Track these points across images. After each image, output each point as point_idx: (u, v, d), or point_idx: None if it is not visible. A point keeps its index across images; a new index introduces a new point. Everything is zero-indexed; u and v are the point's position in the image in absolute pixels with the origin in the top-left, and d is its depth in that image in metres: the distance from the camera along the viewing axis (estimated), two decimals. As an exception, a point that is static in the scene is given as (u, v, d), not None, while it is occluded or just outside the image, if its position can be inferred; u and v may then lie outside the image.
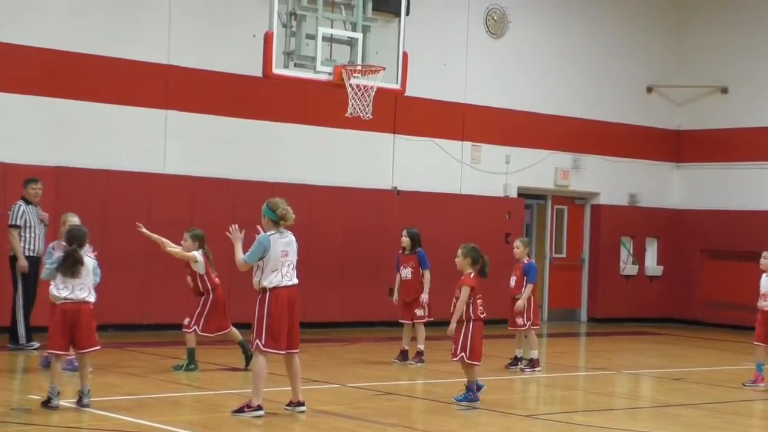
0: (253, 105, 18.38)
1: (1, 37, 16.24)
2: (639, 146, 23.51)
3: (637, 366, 15.83)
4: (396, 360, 14.56)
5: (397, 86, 15.35)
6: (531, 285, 14.05)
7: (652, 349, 18.99)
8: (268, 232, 10.01)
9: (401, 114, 19.89)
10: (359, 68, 14.67)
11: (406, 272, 14.55)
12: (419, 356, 14.41)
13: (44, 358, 12.10)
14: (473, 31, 21.15)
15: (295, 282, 10.08)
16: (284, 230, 10.08)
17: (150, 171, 17.34)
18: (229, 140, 18.15)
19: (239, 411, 9.94)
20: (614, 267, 23.27)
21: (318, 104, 18.40)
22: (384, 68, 14.83)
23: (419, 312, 14.43)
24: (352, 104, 14.71)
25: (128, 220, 14.42)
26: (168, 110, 17.65)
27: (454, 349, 11.23)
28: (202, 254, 12.82)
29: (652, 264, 23.79)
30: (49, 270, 10.22)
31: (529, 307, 14.09)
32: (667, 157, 24.02)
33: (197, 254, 12.78)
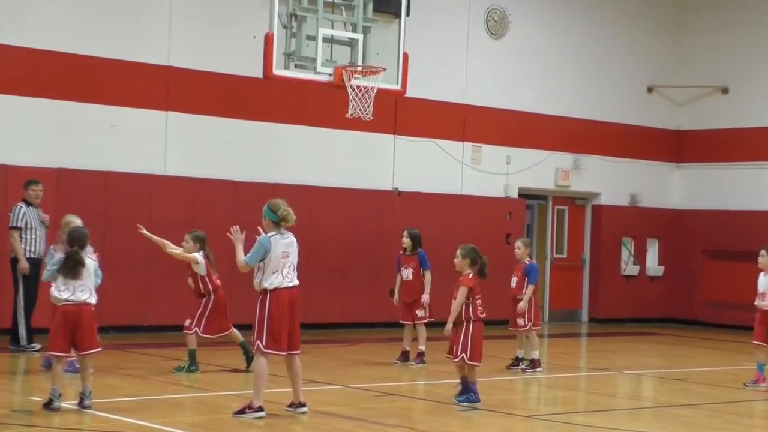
0: (254, 106, 18.38)
1: (2, 39, 16.24)
2: (639, 146, 23.50)
3: (639, 366, 15.82)
4: (397, 361, 14.55)
5: (398, 87, 15.36)
6: (532, 286, 14.05)
7: (654, 350, 18.99)
8: (269, 234, 10.01)
9: (402, 115, 19.88)
10: (360, 69, 14.68)
11: (407, 273, 14.55)
12: (420, 357, 14.41)
13: (45, 360, 12.10)
14: (473, 32, 21.14)
15: (296, 283, 10.08)
16: (285, 231, 10.09)
17: (151, 172, 17.34)
18: (230, 141, 18.15)
19: (240, 412, 9.94)
20: (615, 267, 23.26)
21: (318, 105, 18.40)
22: (384, 69, 14.83)
23: (420, 313, 14.43)
24: (353, 105, 14.71)
25: (129, 222, 14.42)
26: (169, 112, 17.65)
27: (455, 350, 11.23)
28: (203, 256, 12.82)
29: (653, 264, 23.78)
30: (50, 272, 10.20)
31: (530, 308, 14.09)
32: (668, 158, 24.01)
33: (198, 256, 12.77)
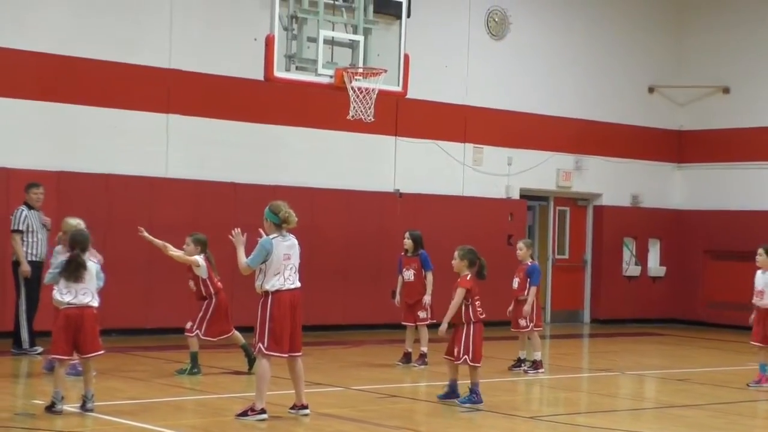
0: (255, 108, 18.38)
1: (2, 42, 16.25)
2: (641, 147, 23.49)
3: (641, 367, 15.81)
4: (399, 362, 14.55)
5: (399, 88, 15.37)
6: (535, 288, 14.03)
7: (656, 350, 18.98)
8: (271, 236, 10.01)
9: (403, 116, 19.88)
10: (361, 71, 14.68)
11: (409, 274, 14.54)
12: (422, 358, 14.40)
13: (48, 363, 12.10)
14: (474, 33, 21.14)
15: (298, 285, 10.08)
16: (287, 233, 10.08)
17: (152, 175, 17.35)
18: (231, 143, 18.15)
19: (243, 414, 9.94)
20: (617, 268, 23.26)
21: (319, 107, 18.40)
22: (385, 71, 14.83)
23: (422, 314, 14.42)
24: (354, 107, 14.71)
25: (130, 225, 14.42)
26: (170, 114, 17.65)
27: (456, 352, 11.23)
28: (204, 258, 12.82)
29: (655, 265, 23.77)
30: (52, 275, 10.18)
31: (532, 309, 14.07)
32: (669, 158, 24.00)
33: (199, 258, 12.77)
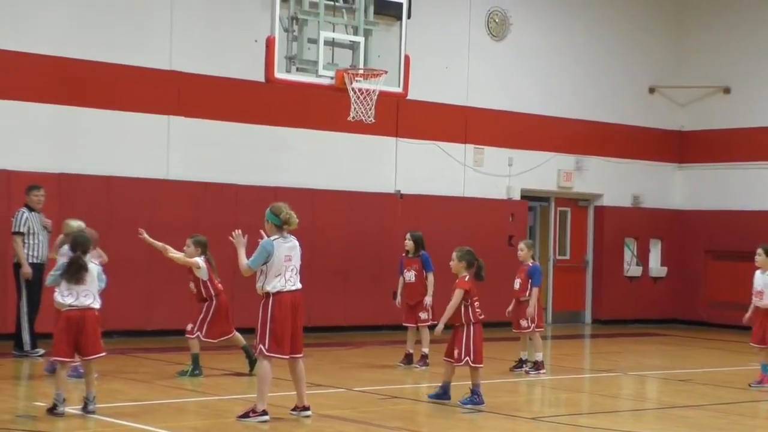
0: (256, 110, 18.38)
1: (3, 45, 16.25)
2: (642, 147, 23.49)
3: (642, 367, 15.80)
4: (401, 363, 14.55)
5: (399, 90, 15.35)
6: (536, 289, 14.01)
7: (657, 351, 18.97)
8: (272, 237, 10.00)
9: (403, 117, 19.88)
10: (361, 72, 14.67)
11: (410, 275, 14.53)
12: (424, 359, 14.40)
13: (50, 365, 12.09)
14: (475, 34, 21.14)
15: (299, 286, 10.07)
16: (288, 235, 10.08)
17: (153, 177, 17.35)
18: (232, 145, 18.15)
19: (244, 416, 9.94)
20: (618, 268, 23.25)
21: (320, 108, 18.39)
22: (386, 72, 14.82)
23: (423, 315, 14.41)
24: (355, 108, 14.70)
25: (131, 227, 14.39)
26: (170, 116, 17.65)
27: (457, 354, 11.23)
28: (205, 260, 12.81)
29: (656, 265, 23.76)
30: (54, 277, 10.18)
31: (535, 310, 14.06)
32: (670, 158, 24.00)
33: (200, 260, 12.76)
